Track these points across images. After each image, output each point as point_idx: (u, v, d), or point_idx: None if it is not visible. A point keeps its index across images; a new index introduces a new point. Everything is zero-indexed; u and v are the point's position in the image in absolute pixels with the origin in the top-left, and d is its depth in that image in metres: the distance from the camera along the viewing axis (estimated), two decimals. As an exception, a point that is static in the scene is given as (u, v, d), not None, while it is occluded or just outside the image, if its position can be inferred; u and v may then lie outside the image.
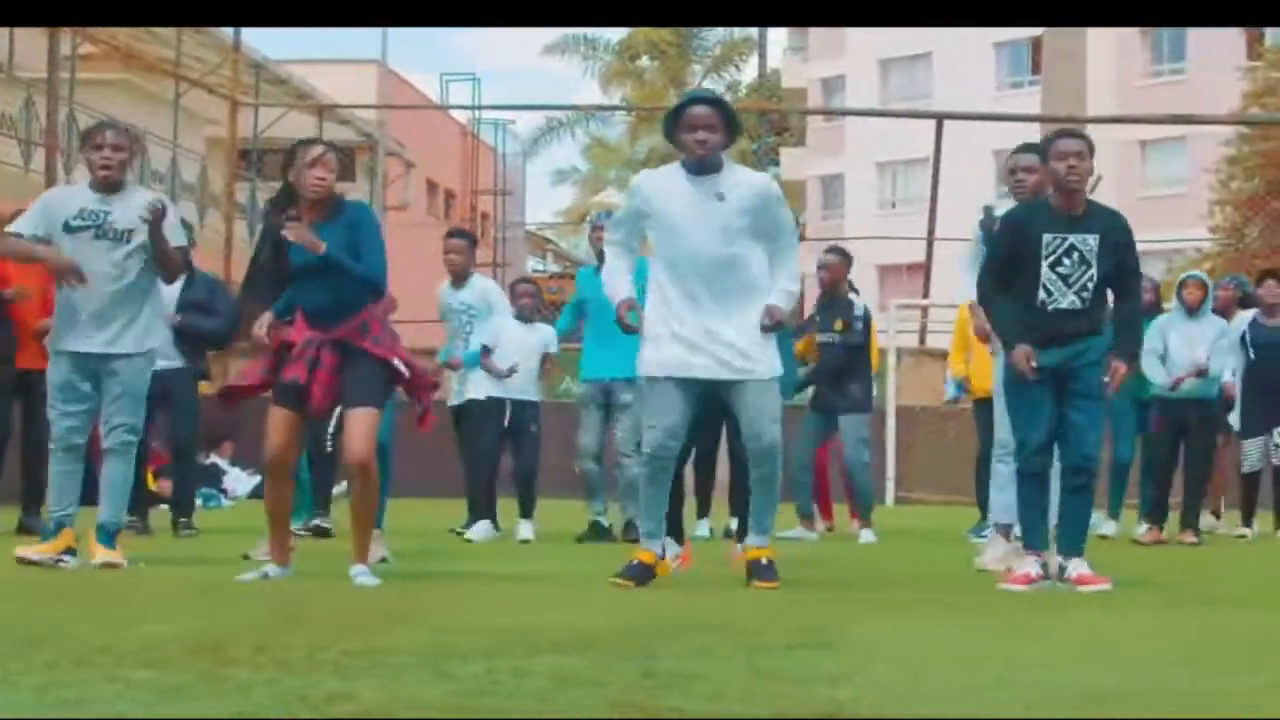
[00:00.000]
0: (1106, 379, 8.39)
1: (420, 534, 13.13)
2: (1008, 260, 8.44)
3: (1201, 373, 13.39)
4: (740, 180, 8.31)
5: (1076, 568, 8.37)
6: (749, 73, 60.50)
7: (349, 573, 8.16)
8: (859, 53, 61.12)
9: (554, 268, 50.41)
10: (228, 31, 24.10)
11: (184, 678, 4.40)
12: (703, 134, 8.18)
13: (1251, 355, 14.30)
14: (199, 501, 17.29)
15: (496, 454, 13.35)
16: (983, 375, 11.38)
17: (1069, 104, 27.55)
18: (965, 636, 6.03)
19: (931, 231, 26.71)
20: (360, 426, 8.13)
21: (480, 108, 38.82)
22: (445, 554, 11.18)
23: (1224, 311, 14.26)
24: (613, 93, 57.66)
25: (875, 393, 24.32)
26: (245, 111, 30.90)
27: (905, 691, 4.41)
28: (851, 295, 14.08)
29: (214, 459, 21.47)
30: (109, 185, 9.13)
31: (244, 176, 33.65)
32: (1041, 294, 8.31)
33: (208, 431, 18.20)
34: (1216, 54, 48.78)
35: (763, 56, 25.18)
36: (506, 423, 13.14)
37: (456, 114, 44.35)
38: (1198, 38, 52.59)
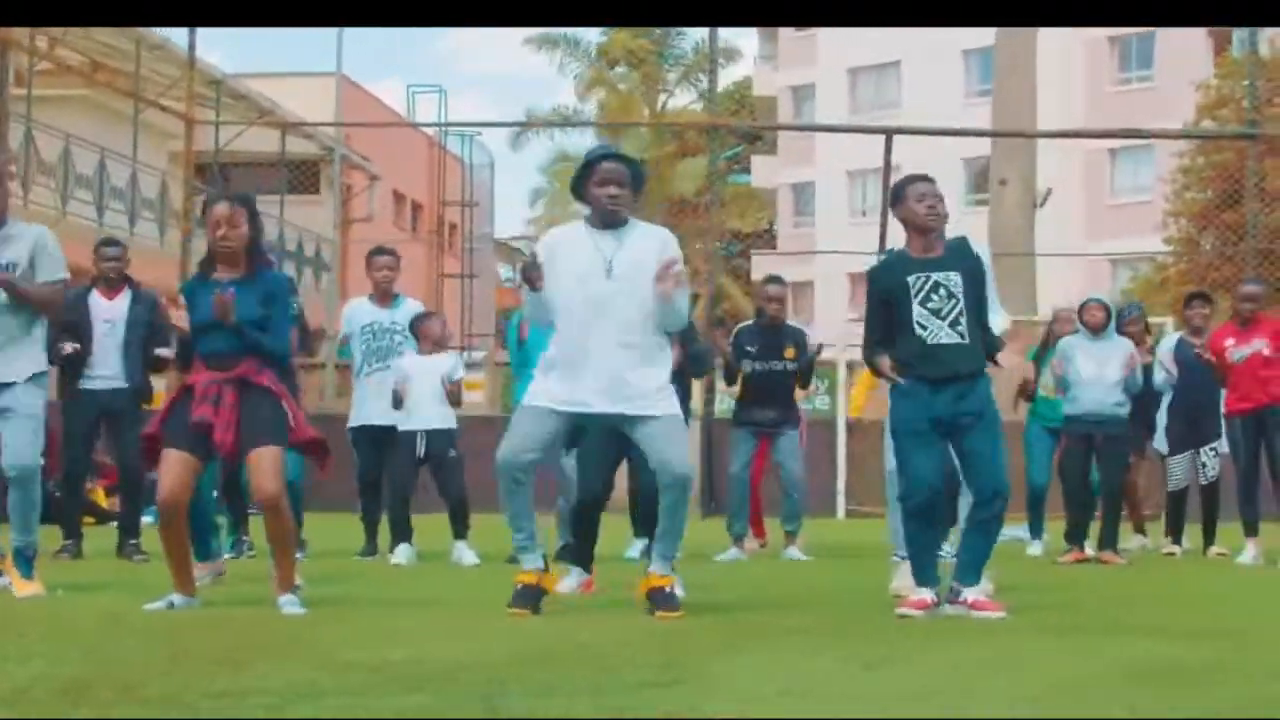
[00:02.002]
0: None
1: (341, 555, 13.34)
2: (882, 309, 8.60)
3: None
4: (643, 233, 8.49)
5: (972, 593, 8.49)
6: (722, 80, 60.66)
7: (277, 602, 8.35)
8: (828, 61, 61.38)
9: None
10: (184, 46, 24.15)
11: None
12: (613, 189, 8.37)
13: (1176, 375, 14.53)
14: (150, 519, 17.40)
15: (412, 478, 13.40)
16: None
17: (1020, 114, 27.78)
18: (825, 668, 6.15)
19: (883, 244, 26.78)
20: (266, 464, 8.31)
21: (445, 125, 38.79)
22: (360, 577, 11.32)
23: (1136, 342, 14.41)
24: (588, 99, 57.66)
25: (827, 405, 24.74)
26: (205, 127, 31.05)
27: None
28: (790, 320, 14.40)
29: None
30: None
31: (201, 191, 33.75)
32: (918, 330, 8.46)
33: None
34: (1184, 61, 48.97)
35: (713, 72, 25.03)
36: (423, 454, 13.16)
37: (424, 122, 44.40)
38: (1166, 45, 52.80)
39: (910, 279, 8.46)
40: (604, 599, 9.38)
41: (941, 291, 8.44)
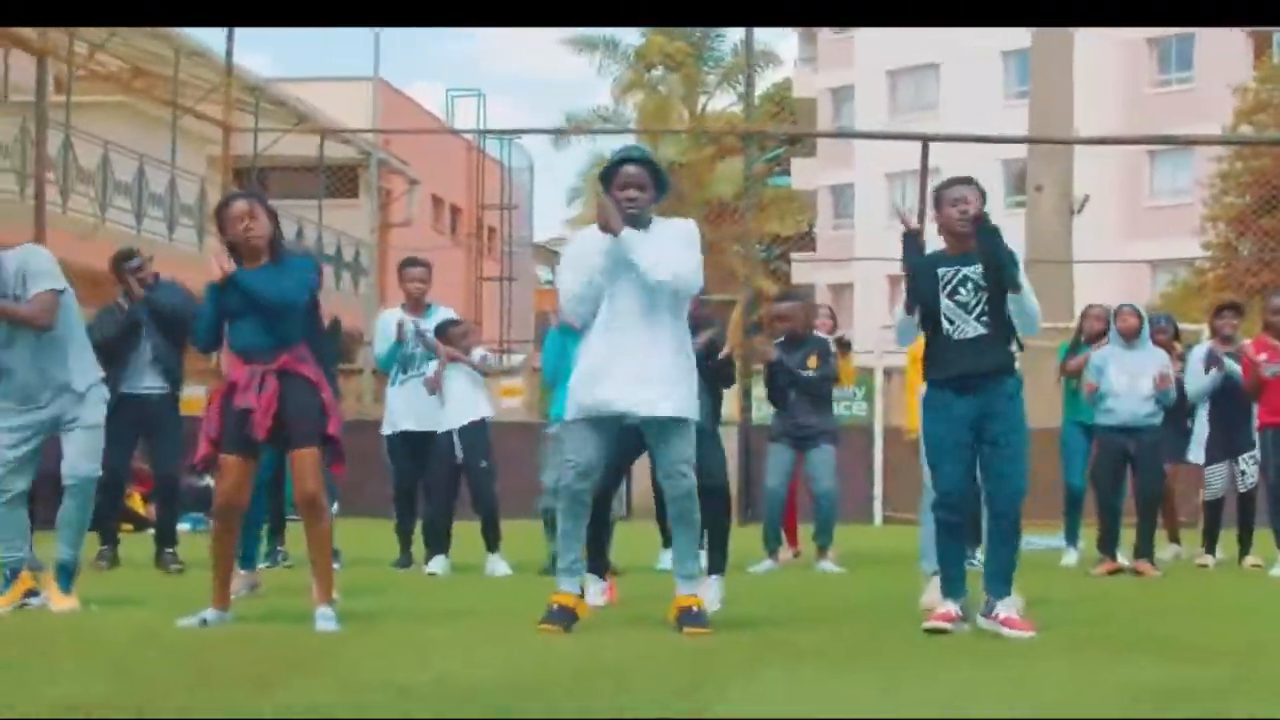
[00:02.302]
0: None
1: (375, 563, 13.40)
2: (914, 300, 8.72)
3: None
4: (662, 228, 8.57)
5: (1005, 609, 8.53)
6: (762, 84, 60.72)
7: (315, 613, 8.40)
8: (867, 63, 61.34)
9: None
10: (222, 53, 24.26)
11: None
12: (633, 192, 8.49)
13: (1216, 376, 14.49)
14: (188, 526, 17.54)
15: (450, 488, 13.46)
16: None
17: (1055, 119, 27.71)
18: (843, 692, 6.21)
19: (921, 249, 26.78)
20: (307, 465, 8.42)
21: (484, 131, 38.88)
22: (393, 589, 11.36)
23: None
24: (626, 101, 57.67)
25: (864, 411, 24.72)
26: (245, 132, 31.21)
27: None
28: (816, 331, 14.42)
29: (209, 481, 21.58)
30: None
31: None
32: (946, 325, 8.59)
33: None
34: (1224, 64, 48.79)
35: (749, 78, 25.05)
36: (460, 458, 13.23)
37: (462, 128, 44.48)
38: (1205, 47, 52.63)
39: (940, 270, 8.60)
40: (633, 613, 9.39)
41: (969, 285, 8.57)
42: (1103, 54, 50.83)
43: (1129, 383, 13.55)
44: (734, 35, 54.55)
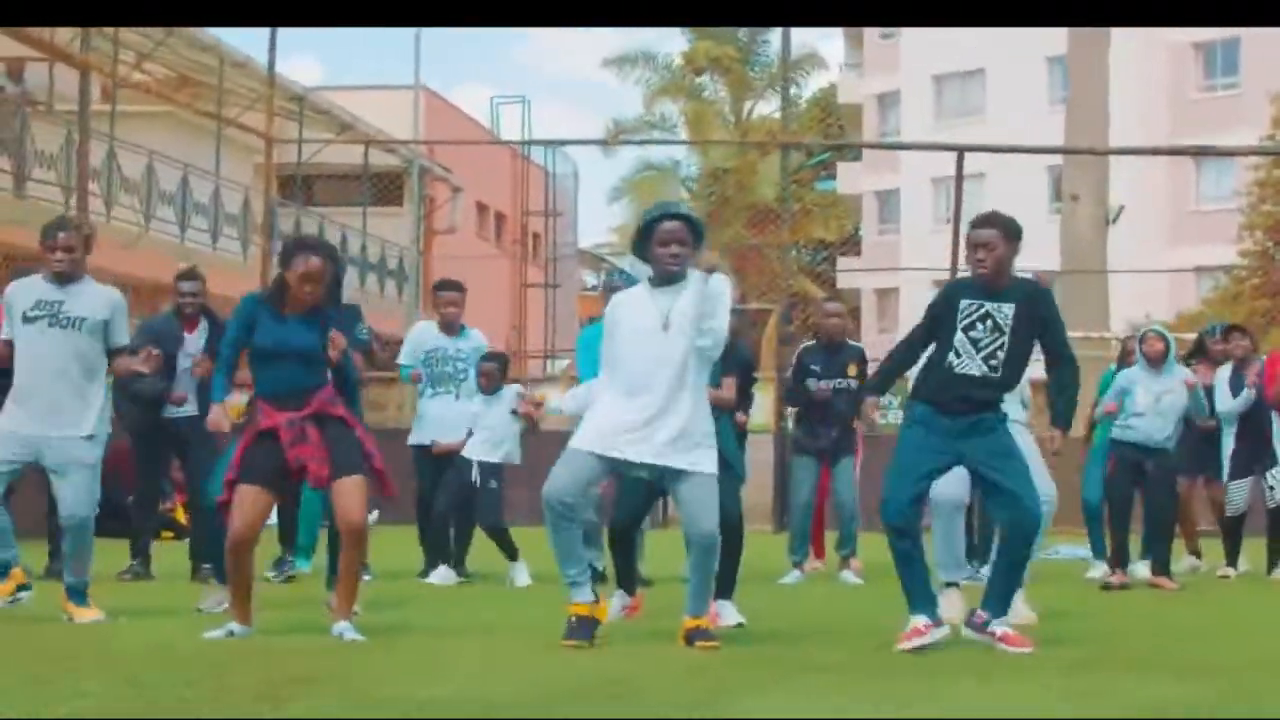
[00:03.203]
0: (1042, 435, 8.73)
1: (400, 576, 13.57)
2: (932, 323, 8.78)
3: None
4: (695, 281, 8.64)
5: (1000, 625, 8.63)
6: (808, 89, 60.88)
7: (333, 630, 8.62)
8: (913, 69, 61.38)
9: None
10: (264, 63, 24.48)
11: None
12: (675, 248, 8.61)
13: (1250, 395, 14.59)
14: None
15: (457, 502, 13.57)
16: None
17: (1092, 128, 27.74)
18: (841, 705, 6.41)
19: (955, 260, 26.89)
20: (353, 493, 8.64)
21: (528, 142, 39.04)
22: (416, 601, 11.53)
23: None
24: (666, 105, 57.72)
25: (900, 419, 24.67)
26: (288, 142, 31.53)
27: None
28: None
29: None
30: (63, 278, 9.68)
31: (284, 204, 34.22)
32: (951, 356, 8.61)
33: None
34: (1270, 68, 48.68)
35: (785, 89, 25.25)
36: (475, 480, 13.36)
37: (507, 135, 44.66)
38: (1251, 52, 52.51)
39: (962, 303, 8.63)
40: (656, 627, 9.46)
41: (989, 322, 8.59)
42: (1149, 59, 50.86)
43: (1152, 403, 13.64)
44: (779, 41, 54.66)
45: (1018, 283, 8.77)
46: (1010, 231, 8.71)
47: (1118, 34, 29.41)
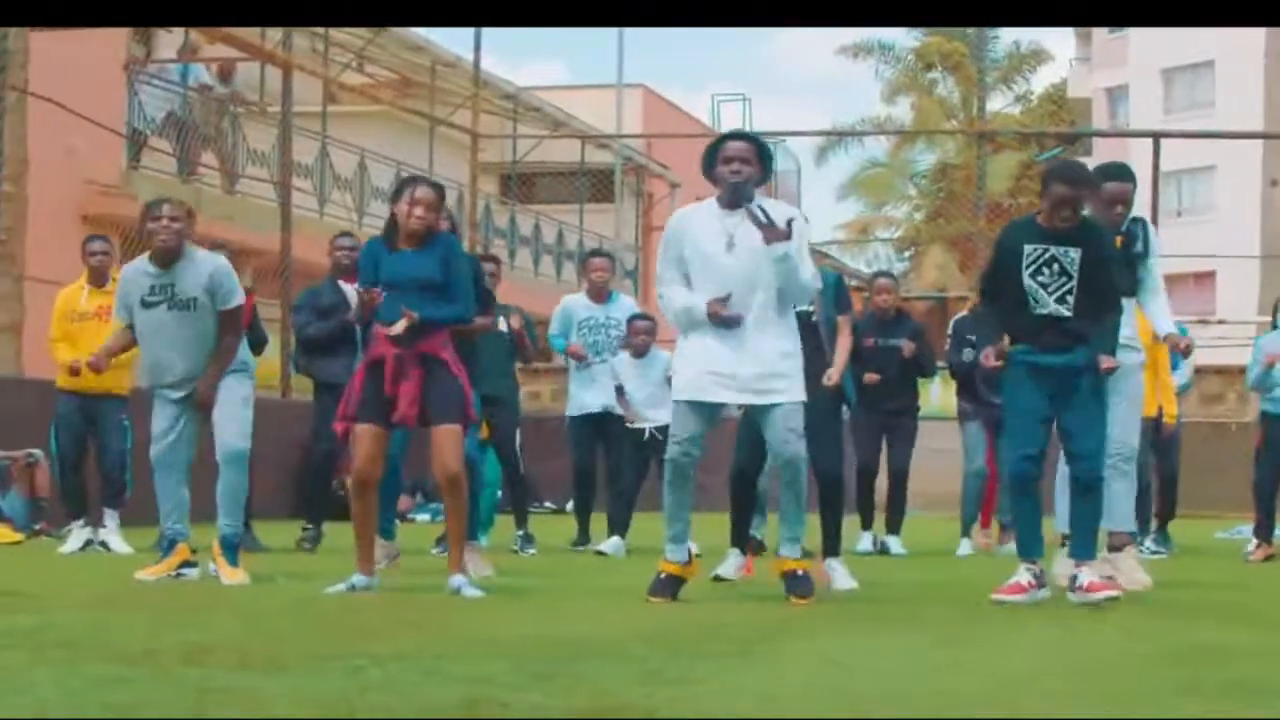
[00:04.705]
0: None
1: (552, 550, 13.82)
2: (997, 269, 8.91)
3: None
4: (770, 208, 8.70)
5: (1086, 576, 8.70)
6: (1037, 83, 60.57)
7: (450, 584, 8.85)
8: (1141, 62, 60.66)
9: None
10: (483, 64, 25.05)
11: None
12: (737, 165, 8.65)
13: None
14: (428, 517, 18.54)
15: (632, 473, 13.93)
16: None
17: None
18: (889, 645, 6.70)
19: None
20: (449, 441, 8.86)
21: (745, 136, 39.12)
22: (552, 570, 11.66)
23: None
24: (900, 102, 57.67)
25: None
26: (507, 140, 32.20)
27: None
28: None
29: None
30: (168, 256, 9.80)
31: (503, 202, 34.93)
32: (1030, 301, 8.69)
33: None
34: None
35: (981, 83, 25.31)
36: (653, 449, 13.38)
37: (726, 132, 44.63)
38: None
39: (1027, 248, 8.65)
40: (756, 590, 9.51)
41: (1055, 266, 8.62)
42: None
43: None
44: (1009, 37, 54.56)
45: (1086, 222, 8.81)
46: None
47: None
